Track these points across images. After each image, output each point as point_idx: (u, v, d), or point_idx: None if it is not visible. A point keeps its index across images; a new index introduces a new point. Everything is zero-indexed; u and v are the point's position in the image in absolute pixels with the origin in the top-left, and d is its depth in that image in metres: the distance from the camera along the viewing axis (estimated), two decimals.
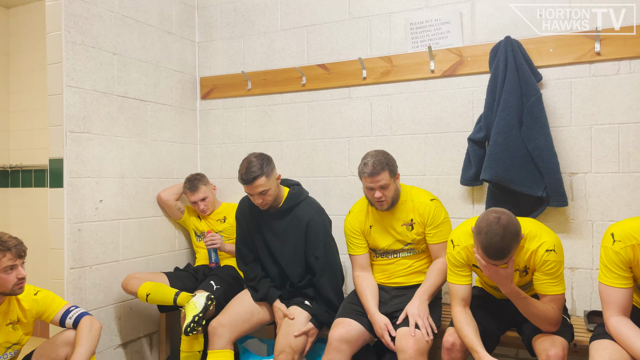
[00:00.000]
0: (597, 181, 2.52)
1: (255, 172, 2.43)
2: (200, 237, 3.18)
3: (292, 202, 2.60)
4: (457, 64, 2.79)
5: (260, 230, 2.66)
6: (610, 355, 1.73)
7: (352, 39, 3.08)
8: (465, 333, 2.01)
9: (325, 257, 2.54)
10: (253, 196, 2.51)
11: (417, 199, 2.44)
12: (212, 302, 2.57)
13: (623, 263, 1.80)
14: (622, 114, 2.47)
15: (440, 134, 2.86)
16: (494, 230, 1.83)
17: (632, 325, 1.77)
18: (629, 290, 1.81)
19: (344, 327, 2.32)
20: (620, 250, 1.80)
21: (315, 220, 2.57)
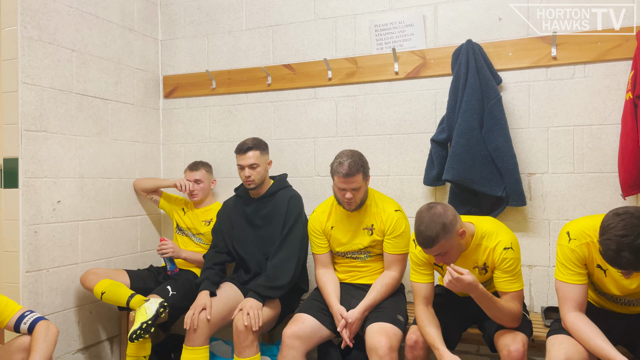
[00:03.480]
0: (553, 181, 2.61)
1: (250, 144, 2.64)
2: (180, 232, 3.11)
3: (278, 186, 2.74)
4: (420, 66, 2.84)
5: (243, 220, 2.75)
6: (566, 350, 1.79)
7: (318, 39, 3.09)
8: (428, 331, 2.04)
9: (289, 231, 2.59)
10: (243, 169, 2.64)
11: (381, 206, 2.47)
12: (165, 309, 2.50)
13: (578, 260, 1.87)
14: (576, 116, 2.56)
15: (404, 135, 2.90)
16: (421, 218, 1.92)
17: (587, 320, 1.83)
18: (584, 286, 1.88)
19: (298, 323, 2.32)
20: (575, 248, 1.87)
21: (296, 197, 2.70)
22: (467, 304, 2.23)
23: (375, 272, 2.51)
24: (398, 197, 2.83)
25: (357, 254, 2.51)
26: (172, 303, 2.63)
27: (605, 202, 2.49)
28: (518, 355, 1.94)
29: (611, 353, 1.71)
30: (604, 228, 1.66)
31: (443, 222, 1.90)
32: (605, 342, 1.74)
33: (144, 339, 2.48)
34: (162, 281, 2.90)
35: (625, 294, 1.89)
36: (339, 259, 2.57)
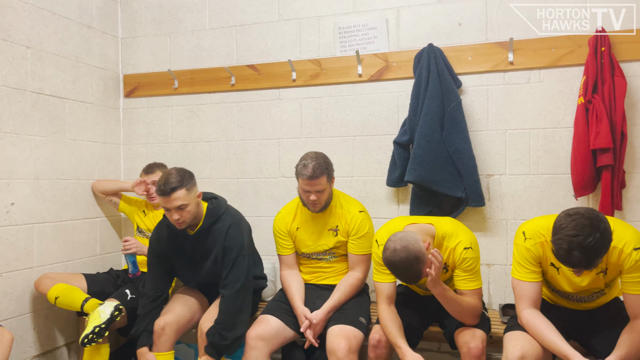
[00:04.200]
0: (510, 182, 2.69)
1: (174, 184, 2.25)
2: (140, 234, 3.04)
3: (212, 218, 2.41)
4: (383, 69, 2.88)
5: (180, 254, 2.46)
6: (522, 345, 1.86)
7: (282, 40, 3.09)
8: (390, 330, 2.07)
9: (233, 270, 2.34)
10: (170, 211, 2.29)
11: (346, 207, 2.48)
12: (120, 312, 2.45)
13: (533, 259, 1.94)
14: (532, 120, 2.65)
15: (368, 137, 2.93)
16: (394, 264, 1.90)
17: (542, 317, 1.90)
18: (539, 284, 1.95)
19: (262, 324, 2.32)
20: (530, 247, 1.94)
21: (232, 231, 2.39)
22: (429, 303, 2.27)
23: (340, 272, 2.53)
24: (362, 198, 2.86)
25: (322, 255, 2.52)
26: (131, 307, 2.57)
27: (558, 203, 2.59)
28: (477, 351, 1.99)
29: (564, 348, 1.78)
30: (556, 228, 1.72)
31: (415, 257, 1.89)
32: (559, 338, 1.82)
33: (99, 343, 2.42)
34: (121, 285, 2.83)
35: (576, 291, 1.97)
36: (304, 260, 2.58)
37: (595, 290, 1.96)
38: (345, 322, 2.27)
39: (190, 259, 2.47)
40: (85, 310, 2.49)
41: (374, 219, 2.59)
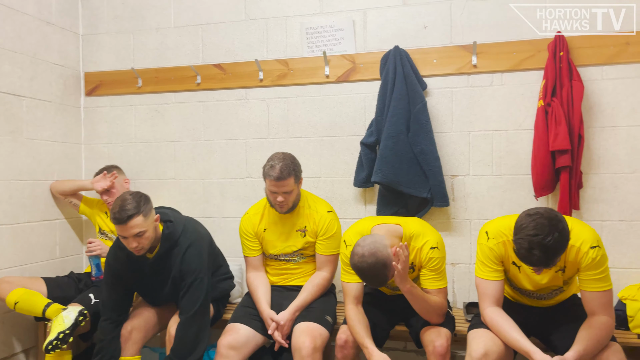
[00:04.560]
0: (474, 183, 2.75)
1: (131, 211, 2.10)
2: (103, 235, 2.95)
3: (168, 243, 2.28)
4: (350, 70, 2.89)
5: (139, 277, 2.35)
6: (485, 343, 1.90)
7: (249, 40, 3.06)
8: (357, 330, 2.09)
9: (188, 294, 2.25)
10: (127, 239, 2.16)
11: (314, 208, 2.48)
12: (85, 317, 2.38)
13: (496, 258, 1.99)
14: (495, 122, 2.71)
15: (335, 138, 2.94)
16: (362, 269, 1.93)
17: (504, 314, 1.95)
18: (501, 282, 2.00)
19: (232, 334, 2.29)
20: (493, 246, 1.98)
21: (189, 254, 2.28)
22: (396, 303, 2.30)
23: (308, 273, 2.52)
24: (329, 198, 2.87)
25: (290, 256, 2.51)
26: (94, 311, 2.50)
27: (520, 203, 2.66)
28: (442, 349, 2.03)
29: (525, 344, 1.83)
30: (517, 228, 1.77)
31: (382, 264, 1.91)
32: (520, 334, 1.86)
33: (62, 350, 2.34)
34: (83, 289, 2.75)
35: (537, 288, 2.03)
36: (271, 261, 2.56)
37: (554, 287, 2.02)
38: (310, 319, 2.27)
39: (150, 282, 2.37)
40: (47, 316, 2.41)
41: (342, 220, 2.60)
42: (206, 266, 2.33)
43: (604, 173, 2.58)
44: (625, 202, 2.55)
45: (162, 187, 3.19)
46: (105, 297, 2.38)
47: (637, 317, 2.22)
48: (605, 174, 2.58)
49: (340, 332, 2.17)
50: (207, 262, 2.35)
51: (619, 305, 2.34)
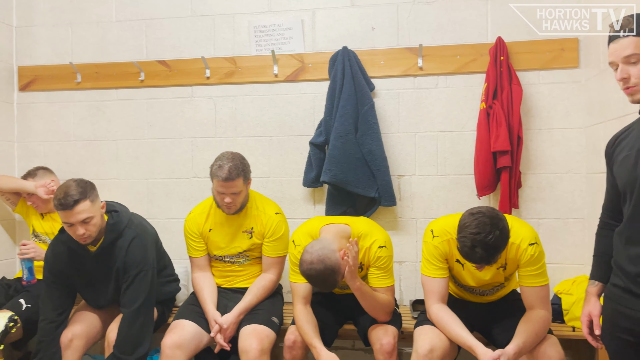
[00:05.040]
0: (420, 183, 2.81)
1: (76, 195, 2.05)
2: (36, 238, 2.78)
3: (113, 234, 2.21)
4: (299, 70, 2.88)
5: (81, 274, 2.27)
6: (430, 339, 1.94)
7: (195, 37, 2.99)
8: (305, 330, 2.08)
9: (132, 287, 2.18)
10: (73, 226, 2.08)
11: (262, 209, 2.44)
12: (15, 324, 2.25)
13: (441, 256, 2.04)
14: (440, 123, 2.78)
15: (285, 137, 2.93)
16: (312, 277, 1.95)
17: (449, 311, 2.00)
18: (446, 280, 2.05)
19: (177, 331, 2.23)
20: (438, 244, 2.03)
21: (133, 246, 2.22)
22: (344, 302, 2.31)
23: (253, 275, 2.49)
24: (278, 198, 2.85)
25: (235, 257, 2.47)
26: (26, 317, 2.36)
27: (463, 202, 2.74)
28: (389, 347, 2.06)
29: (468, 339, 1.88)
30: (461, 227, 1.82)
31: (332, 270, 1.93)
32: (464, 330, 1.92)
33: None
34: (14, 294, 2.59)
35: (480, 284, 2.10)
36: (216, 263, 2.51)
37: (496, 284, 2.10)
38: (257, 321, 2.25)
39: (93, 279, 2.28)
40: None
41: (291, 220, 2.59)
42: (151, 260, 2.26)
43: (540, 173, 2.70)
44: (560, 200, 2.68)
45: (103, 187, 3.03)
46: (44, 296, 2.27)
47: (571, 311, 2.34)
48: (542, 174, 2.70)
49: (289, 333, 2.16)
50: (152, 256, 2.28)
51: (554, 299, 2.46)
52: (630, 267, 1.53)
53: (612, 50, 1.51)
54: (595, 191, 2.45)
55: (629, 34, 1.45)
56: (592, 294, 1.71)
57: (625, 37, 1.46)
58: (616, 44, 1.48)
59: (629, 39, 1.45)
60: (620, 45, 1.47)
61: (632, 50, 1.44)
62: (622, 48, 1.47)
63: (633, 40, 1.45)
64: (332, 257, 1.93)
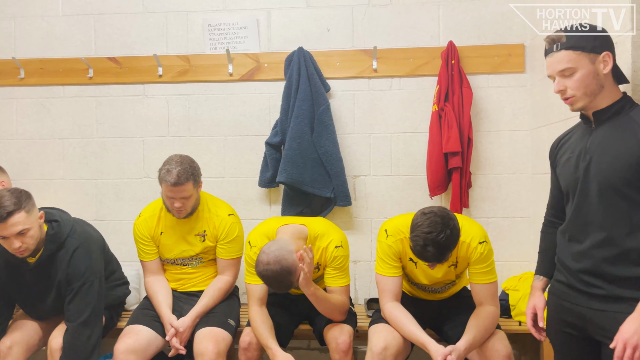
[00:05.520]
0: (374, 183, 2.85)
1: (10, 207, 1.91)
2: None
3: (54, 245, 2.11)
4: (254, 69, 2.86)
5: (19, 286, 2.16)
6: (385, 337, 1.97)
7: (147, 33, 2.92)
8: (261, 332, 2.07)
9: (77, 300, 2.10)
10: (7, 239, 1.96)
11: (214, 211, 2.40)
12: None
13: (394, 255, 2.07)
14: (393, 124, 2.83)
15: (240, 137, 2.90)
16: (268, 277, 1.93)
17: (402, 309, 2.04)
18: (399, 278, 2.09)
19: (132, 336, 2.17)
20: (392, 243, 2.07)
21: (77, 256, 2.12)
22: (299, 302, 2.31)
23: (208, 277, 2.45)
24: (233, 199, 2.81)
25: (188, 260, 2.42)
26: None
27: (416, 202, 2.80)
28: (345, 346, 2.07)
29: (421, 336, 1.93)
30: (413, 226, 1.86)
31: (287, 271, 1.92)
32: (417, 327, 1.96)
33: None
34: None
35: (432, 282, 2.15)
36: (168, 266, 2.46)
37: (447, 281, 2.16)
38: (213, 324, 2.22)
39: (32, 291, 2.18)
40: None
41: (246, 220, 2.57)
42: (97, 269, 2.18)
43: (489, 174, 2.80)
44: (507, 200, 2.79)
45: (48, 188, 2.94)
46: None
47: (518, 306, 2.44)
48: (490, 175, 2.80)
49: (244, 335, 2.15)
50: (98, 265, 2.19)
51: (502, 295, 2.55)
52: (572, 264, 1.61)
53: (548, 63, 1.58)
54: (540, 191, 2.56)
55: (562, 49, 1.52)
56: (537, 288, 1.78)
57: (559, 52, 1.53)
58: (551, 57, 1.56)
59: (562, 53, 1.52)
60: (555, 59, 1.54)
61: (566, 65, 1.52)
62: (556, 62, 1.54)
63: (566, 54, 1.52)
64: (288, 258, 1.93)
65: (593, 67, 1.51)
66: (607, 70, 1.52)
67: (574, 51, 1.51)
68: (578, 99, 1.54)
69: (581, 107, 1.56)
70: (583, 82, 1.51)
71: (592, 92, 1.52)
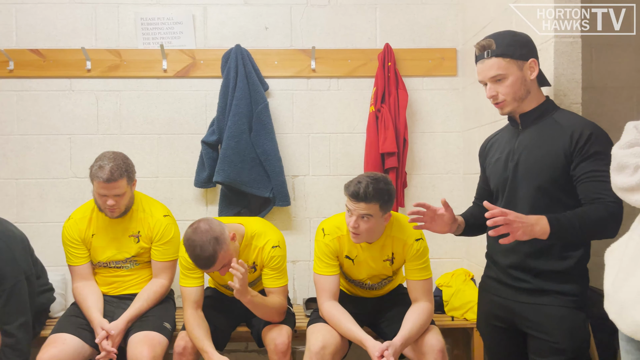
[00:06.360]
0: (313, 183, 2.85)
1: None
2: None
3: None
4: (190, 66, 2.79)
5: None
6: (323, 336, 1.98)
7: (74, 25, 2.77)
8: (196, 335, 2.03)
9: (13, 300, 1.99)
10: None
11: (149, 211, 2.32)
12: None
13: (331, 253, 2.09)
14: (332, 125, 2.86)
15: (174, 135, 2.81)
16: (192, 242, 1.92)
17: (340, 307, 2.05)
18: (337, 277, 2.11)
19: (57, 345, 2.04)
20: (329, 242, 2.08)
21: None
22: (236, 304, 2.26)
23: (143, 280, 2.36)
24: (168, 199, 2.72)
25: (122, 263, 2.32)
26: None
27: None
28: (283, 347, 2.06)
29: (358, 333, 1.95)
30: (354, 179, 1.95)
31: (215, 237, 1.92)
32: (354, 325, 1.98)
33: None
34: None
35: (369, 277, 2.16)
36: (100, 269, 2.34)
37: (383, 276, 2.19)
38: (148, 328, 2.14)
39: None
40: None
41: (182, 222, 2.49)
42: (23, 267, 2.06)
43: (424, 174, 2.88)
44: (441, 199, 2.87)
45: None
46: None
47: (451, 302, 2.52)
48: (425, 175, 2.88)
49: (179, 339, 2.09)
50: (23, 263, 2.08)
51: (436, 291, 2.63)
52: (501, 259, 1.68)
53: (479, 70, 1.65)
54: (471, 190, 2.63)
55: (492, 56, 1.59)
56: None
57: (490, 59, 1.60)
58: (482, 64, 1.63)
59: (492, 60, 1.60)
60: (486, 66, 1.62)
61: (497, 71, 1.59)
62: (487, 69, 1.61)
63: (496, 61, 1.59)
64: (218, 228, 1.96)
65: (521, 74, 1.59)
66: (534, 76, 1.61)
67: (503, 58, 1.59)
68: (508, 103, 1.62)
69: (510, 111, 1.65)
70: (513, 87, 1.59)
71: (520, 97, 1.61)
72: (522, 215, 1.43)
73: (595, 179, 1.48)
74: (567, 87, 1.85)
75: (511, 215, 1.40)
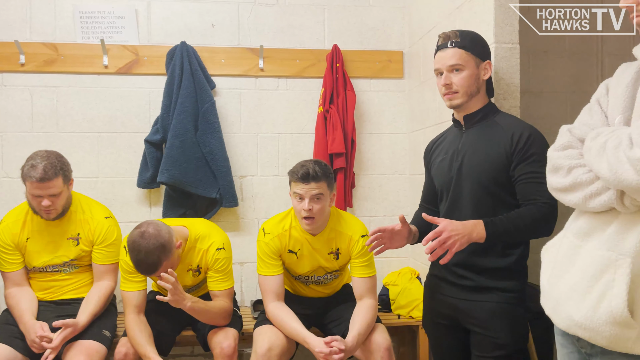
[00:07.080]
0: (262, 183, 2.83)
1: None
2: None
3: None
4: (133, 62, 2.70)
5: None
6: (269, 338, 1.97)
7: (7, 17, 2.62)
8: (138, 341, 1.96)
9: None
10: None
11: (89, 213, 2.22)
12: None
13: (273, 252, 2.08)
14: (281, 125, 2.84)
15: (116, 134, 2.71)
16: (137, 246, 1.87)
17: (285, 308, 2.05)
18: (281, 276, 2.10)
19: None
20: (269, 241, 2.08)
21: None
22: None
23: (83, 284, 2.25)
24: (109, 200, 2.62)
25: (60, 267, 2.21)
26: None
27: None
28: (229, 350, 2.03)
29: (301, 332, 1.95)
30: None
31: (162, 244, 1.87)
32: (298, 324, 1.98)
33: None
34: None
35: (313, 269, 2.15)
36: (36, 274, 2.22)
37: (328, 270, 2.18)
38: (85, 337, 2.04)
39: None
40: None
41: (124, 223, 2.40)
42: None
43: (371, 174, 2.91)
44: (387, 199, 2.93)
45: None
46: None
47: (397, 300, 2.56)
48: (372, 175, 2.91)
49: (120, 345, 2.01)
50: None
51: (383, 290, 2.67)
52: None
53: (438, 58, 1.69)
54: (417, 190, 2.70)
55: (455, 46, 1.64)
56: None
57: (452, 48, 1.65)
58: (444, 52, 1.67)
59: (455, 50, 1.65)
60: (446, 54, 1.66)
61: (456, 61, 1.64)
62: (448, 57, 1.66)
63: (458, 52, 1.65)
64: (166, 234, 1.90)
65: (477, 71, 1.66)
66: (487, 77, 1.69)
67: (465, 51, 1.64)
68: (459, 95, 1.66)
69: (458, 104, 1.68)
70: (467, 81, 1.65)
71: (472, 93, 1.66)
72: (458, 226, 1.49)
73: (532, 180, 1.55)
74: (506, 91, 1.92)
75: (445, 232, 1.46)
